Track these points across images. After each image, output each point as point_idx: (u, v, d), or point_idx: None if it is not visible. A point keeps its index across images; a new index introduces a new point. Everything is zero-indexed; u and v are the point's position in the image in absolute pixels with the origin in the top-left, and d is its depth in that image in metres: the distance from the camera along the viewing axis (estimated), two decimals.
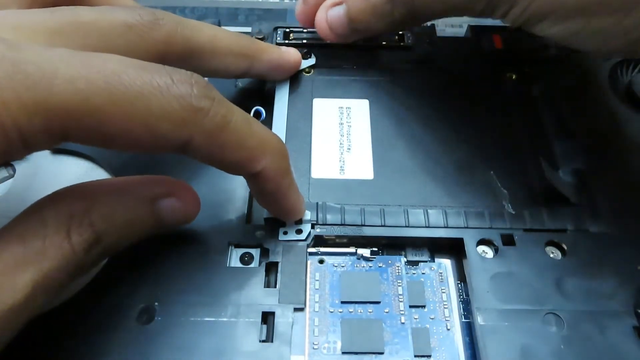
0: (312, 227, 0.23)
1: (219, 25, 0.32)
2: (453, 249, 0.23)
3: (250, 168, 0.19)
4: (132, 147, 0.16)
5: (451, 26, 0.34)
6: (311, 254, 0.23)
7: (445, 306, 0.22)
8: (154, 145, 0.17)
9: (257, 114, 0.27)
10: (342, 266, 0.23)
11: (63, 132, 0.15)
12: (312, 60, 0.29)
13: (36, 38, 0.16)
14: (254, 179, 0.19)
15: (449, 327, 0.21)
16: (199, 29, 0.22)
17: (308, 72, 0.29)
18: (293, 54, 0.27)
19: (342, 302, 0.21)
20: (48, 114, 0.14)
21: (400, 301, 0.21)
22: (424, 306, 0.21)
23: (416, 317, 0.21)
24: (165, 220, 0.20)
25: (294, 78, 0.28)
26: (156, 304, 0.20)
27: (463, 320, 0.21)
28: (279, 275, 0.21)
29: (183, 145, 0.17)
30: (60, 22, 0.17)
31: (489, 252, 0.22)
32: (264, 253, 0.22)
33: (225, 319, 0.20)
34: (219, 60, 0.23)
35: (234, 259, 0.22)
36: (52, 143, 0.15)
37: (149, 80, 0.16)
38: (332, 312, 0.21)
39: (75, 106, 0.14)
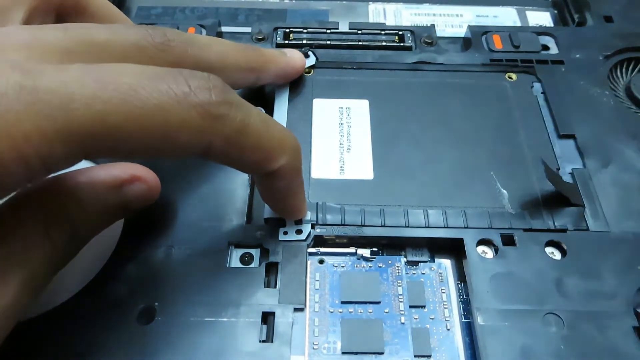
0: (312, 227, 0.23)
1: (219, 25, 0.32)
2: (453, 249, 0.23)
3: (267, 167, 0.19)
4: (152, 157, 0.16)
5: (451, 26, 0.34)
6: (311, 254, 0.23)
7: (445, 306, 0.21)
8: (173, 154, 0.17)
9: None
10: (342, 266, 0.23)
11: (84, 153, 0.15)
12: (312, 60, 0.29)
13: (48, 57, 0.16)
14: (267, 177, 0.19)
15: (449, 327, 0.21)
16: (208, 47, 0.21)
17: (308, 72, 0.29)
18: (298, 59, 0.27)
19: (342, 302, 0.21)
20: (68, 140, 0.14)
21: (400, 301, 0.21)
22: (424, 306, 0.21)
23: (416, 317, 0.21)
24: (131, 205, 0.20)
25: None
26: (156, 304, 0.20)
27: (463, 320, 0.21)
28: (279, 275, 0.21)
29: (202, 151, 0.17)
30: (73, 42, 0.17)
31: (489, 252, 0.22)
32: (264, 253, 0.22)
33: (225, 319, 0.20)
34: (227, 76, 0.23)
35: (234, 259, 0.22)
36: (73, 163, 0.15)
37: (165, 90, 0.15)
38: (332, 312, 0.21)
39: (94, 128, 0.14)
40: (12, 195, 0.17)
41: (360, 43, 0.30)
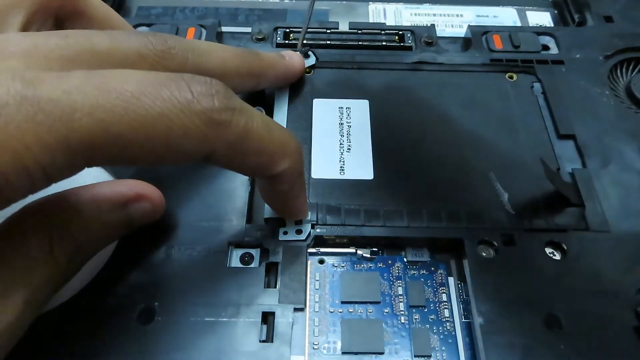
0: (312, 227, 0.23)
1: (219, 25, 0.32)
2: (453, 249, 0.23)
3: (270, 171, 0.19)
4: (154, 164, 0.16)
5: (451, 26, 0.34)
6: (311, 254, 0.23)
7: (445, 306, 0.21)
8: (176, 161, 0.16)
9: None
10: (342, 266, 0.23)
11: (86, 161, 0.15)
12: (312, 60, 0.29)
13: (49, 65, 0.16)
14: (269, 180, 0.19)
15: (449, 327, 0.21)
16: (208, 54, 0.21)
17: (308, 72, 0.29)
18: (297, 62, 0.27)
19: (342, 302, 0.21)
20: (70, 150, 0.14)
21: (400, 301, 0.21)
22: (424, 306, 0.21)
23: (416, 317, 0.21)
24: (135, 222, 0.20)
25: None
26: (156, 304, 0.20)
27: (463, 320, 0.21)
28: (279, 275, 0.21)
29: (205, 158, 0.17)
30: (74, 50, 0.17)
31: (489, 252, 0.22)
32: (264, 253, 0.22)
33: (225, 319, 0.20)
34: (227, 82, 0.23)
35: (234, 259, 0.22)
36: (75, 172, 0.15)
37: (168, 97, 0.15)
38: (332, 312, 0.21)
39: (97, 137, 0.14)
40: (16, 211, 0.17)
41: (360, 43, 0.30)
